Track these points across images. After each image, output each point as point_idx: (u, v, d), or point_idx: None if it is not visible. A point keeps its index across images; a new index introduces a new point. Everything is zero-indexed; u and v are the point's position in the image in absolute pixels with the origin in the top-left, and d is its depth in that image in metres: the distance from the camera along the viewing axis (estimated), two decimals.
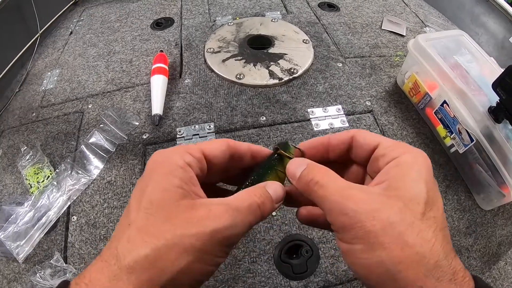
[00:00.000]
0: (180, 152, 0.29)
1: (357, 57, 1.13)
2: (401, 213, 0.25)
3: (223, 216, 0.26)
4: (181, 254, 0.24)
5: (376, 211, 0.25)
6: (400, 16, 1.35)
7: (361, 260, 0.25)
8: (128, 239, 0.25)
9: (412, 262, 0.24)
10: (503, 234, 0.78)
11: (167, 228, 0.25)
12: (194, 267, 0.25)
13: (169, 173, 0.27)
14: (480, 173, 0.79)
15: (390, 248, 0.24)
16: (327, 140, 0.34)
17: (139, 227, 0.25)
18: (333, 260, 0.69)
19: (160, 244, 0.24)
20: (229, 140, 0.34)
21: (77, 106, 1.00)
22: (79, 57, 1.17)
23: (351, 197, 0.26)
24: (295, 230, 0.73)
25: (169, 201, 0.26)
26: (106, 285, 0.23)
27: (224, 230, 0.26)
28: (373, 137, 0.31)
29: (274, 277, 0.67)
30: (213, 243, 0.25)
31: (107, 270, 0.24)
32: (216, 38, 1.17)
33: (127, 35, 1.24)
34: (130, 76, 1.07)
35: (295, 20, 1.26)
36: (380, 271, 0.24)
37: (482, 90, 0.81)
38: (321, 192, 0.28)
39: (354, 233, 0.25)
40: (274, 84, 1.01)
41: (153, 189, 0.27)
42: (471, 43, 0.93)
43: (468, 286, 0.24)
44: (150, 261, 0.23)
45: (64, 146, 0.90)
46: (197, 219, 0.25)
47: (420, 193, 0.26)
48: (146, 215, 0.26)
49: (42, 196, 0.79)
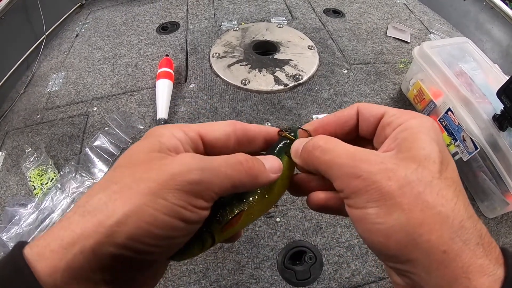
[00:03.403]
0: (172, 128, 0.27)
1: (362, 63, 1.13)
2: (417, 172, 0.23)
3: (188, 160, 0.24)
4: (133, 195, 0.22)
5: (391, 170, 0.23)
6: (405, 22, 1.35)
7: (377, 225, 0.23)
8: (92, 190, 0.24)
9: (434, 223, 0.21)
10: (506, 242, 0.78)
11: (128, 173, 0.24)
12: (143, 211, 0.22)
13: (152, 138, 0.26)
14: (484, 181, 0.79)
15: (409, 209, 0.22)
16: (335, 118, 0.31)
17: (106, 178, 0.24)
18: (336, 266, 0.69)
19: (116, 187, 0.23)
20: (236, 122, 0.30)
21: (82, 108, 1.00)
22: (85, 59, 1.18)
23: (363, 158, 0.24)
24: (298, 237, 0.73)
25: (140, 154, 0.25)
26: (58, 229, 0.22)
27: (186, 174, 0.23)
28: (378, 107, 0.29)
29: (277, 283, 0.67)
30: (171, 187, 0.23)
31: (69, 220, 0.22)
32: (222, 43, 1.18)
33: (132, 38, 1.25)
34: (136, 79, 1.07)
35: (301, 26, 1.27)
36: (399, 236, 0.22)
37: (486, 97, 0.81)
38: (327, 157, 0.26)
39: (368, 196, 0.23)
40: (279, 90, 1.01)
41: (129, 150, 0.26)
42: (475, 50, 0.93)
43: (496, 251, 0.22)
44: (102, 203, 0.22)
45: (69, 149, 0.90)
46: (160, 165, 0.24)
47: (433, 152, 0.24)
48: (115, 168, 0.25)
49: (46, 198, 0.79)
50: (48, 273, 0.21)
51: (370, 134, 0.30)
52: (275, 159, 0.30)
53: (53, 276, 0.21)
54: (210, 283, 0.67)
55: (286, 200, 0.79)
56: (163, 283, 0.67)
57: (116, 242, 0.21)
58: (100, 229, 0.21)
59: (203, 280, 0.67)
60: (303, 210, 0.77)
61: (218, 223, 0.28)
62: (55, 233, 0.22)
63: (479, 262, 0.21)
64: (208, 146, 0.29)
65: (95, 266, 0.21)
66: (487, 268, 0.21)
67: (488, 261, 0.21)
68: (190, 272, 0.68)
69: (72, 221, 0.22)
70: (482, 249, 0.21)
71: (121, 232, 0.21)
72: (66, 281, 0.21)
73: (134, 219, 0.22)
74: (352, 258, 0.70)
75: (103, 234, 0.21)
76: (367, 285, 0.67)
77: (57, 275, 0.21)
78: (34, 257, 0.21)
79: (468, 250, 0.21)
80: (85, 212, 0.22)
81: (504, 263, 0.22)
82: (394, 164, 0.23)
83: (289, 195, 0.78)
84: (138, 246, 0.22)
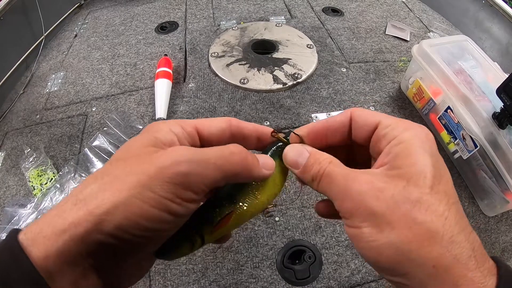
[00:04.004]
0: (170, 123, 0.28)
1: (361, 62, 1.13)
2: (405, 190, 0.23)
3: (179, 153, 0.24)
4: (122, 187, 0.23)
5: (379, 190, 0.24)
6: (404, 21, 1.35)
7: (370, 243, 0.24)
8: (86, 180, 0.24)
9: (423, 240, 0.22)
10: (506, 241, 0.78)
11: (120, 166, 0.24)
12: (132, 202, 0.22)
13: (148, 133, 0.27)
14: (484, 179, 0.79)
15: (398, 228, 0.23)
16: (327, 124, 0.31)
17: (100, 170, 0.25)
18: (336, 266, 0.69)
19: (107, 179, 0.23)
20: (232, 118, 0.31)
21: (81, 109, 1.00)
22: (84, 60, 1.18)
23: (355, 179, 0.25)
24: (298, 236, 0.73)
25: (135, 148, 0.25)
26: (52, 216, 0.23)
27: (175, 166, 0.23)
28: (372, 116, 0.29)
29: (276, 283, 0.67)
30: (160, 179, 0.23)
31: (62, 207, 0.23)
32: (221, 42, 1.18)
33: (131, 38, 1.25)
34: (134, 79, 1.07)
35: (299, 25, 1.27)
36: (391, 253, 0.23)
37: (486, 96, 0.81)
38: (327, 180, 0.27)
39: (360, 216, 0.24)
40: (278, 89, 1.01)
41: (126, 144, 0.26)
42: (475, 48, 0.93)
43: (489, 262, 0.23)
44: (93, 193, 0.23)
45: (68, 149, 0.90)
46: (151, 158, 0.24)
47: (425, 167, 0.24)
48: (111, 161, 0.25)
49: (45, 198, 0.79)
50: (41, 258, 0.22)
51: (364, 142, 0.30)
52: (268, 157, 0.31)
53: (46, 260, 0.22)
54: (209, 282, 0.67)
55: (285, 199, 0.79)
56: (163, 283, 0.67)
57: (104, 230, 0.22)
58: (89, 218, 0.22)
59: (202, 280, 0.67)
60: (302, 209, 0.77)
61: (208, 224, 0.28)
62: (48, 219, 0.23)
63: (470, 275, 0.22)
64: (205, 141, 0.30)
65: (84, 252, 0.22)
66: (478, 281, 0.22)
67: (479, 273, 0.22)
68: (189, 272, 0.68)
69: (65, 209, 0.23)
70: (475, 262, 0.22)
71: (109, 221, 0.22)
72: (57, 266, 0.22)
73: (122, 209, 0.22)
74: (352, 257, 0.70)
75: (92, 223, 0.22)
76: (367, 284, 0.67)
77: (49, 259, 0.22)
78: (28, 243, 0.22)
79: (459, 264, 0.22)
80: (77, 200, 0.23)
81: (497, 273, 0.23)
82: (384, 183, 0.24)
83: (288, 194, 0.78)
84: (125, 235, 0.23)
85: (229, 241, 0.72)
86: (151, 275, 0.68)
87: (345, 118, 0.30)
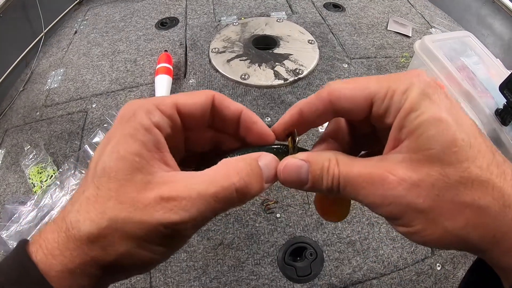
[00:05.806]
0: (149, 108, 0.25)
1: (363, 58, 1.12)
2: (442, 176, 0.21)
3: (175, 209, 0.23)
4: (122, 239, 0.22)
5: (416, 185, 0.22)
6: (406, 17, 1.34)
7: (425, 237, 0.23)
8: (78, 208, 0.23)
9: (476, 218, 0.21)
10: None
11: (112, 206, 0.23)
12: (136, 253, 0.23)
13: (130, 135, 0.24)
14: None
15: (450, 217, 0.22)
16: (297, 111, 0.29)
17: (88, 197, 0.23)
18: (337, 263, 0.69)
19: (104, 225, 0.22)
20: (215, 93, 0.28)
21: (81, 105, 1.00)
22: (84, 56, 1.17)
23: (384, 181, 0.23)
24: (299, 233, 0.72)
25: (122, 173, 0.23)
26: (58, 247, 0.23)
27: (172, 226, 0.23)
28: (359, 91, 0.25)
29: (278, 280, 0.66)
30: (158, 235, 0.23)
31: (57, 235, 0.23)
32: (221, 38, 1.17)
33: (131, 34, 1.24)
34: (135, 75, 1.07)
35: (301, 21, 1.26)
36: (450, 240, 0.22)
37: (488, 92, 0.80)
38: (350, 189, 0.24)
39: (407, 217, 0.23)
40: (279, 85, 1.00)
41: (110, 154, 0.24)
42: (477, 44, 0.92)
43: None
44: (93, 240, 0.22)
45: (68, 146, 0.89)
46: (145, 205, 0.22)
47: (450, 136, 0.21)
48: (97, 184, 0.23)
49: (45, 195, 0.78)
50: (53, 270, 0.22)
51: (360, 123, 0.28)
52: (274, 162, 0.27)
53: (59, 274, 0.22)
54: (210, 279, 0.67)
55: (287, 195, 0.78)
56: (163, 280, 0.67)
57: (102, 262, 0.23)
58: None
59: (203, 277, 0.67)
60: (304, 206, 0.76)
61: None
62: (51, 234, 0.23)
63: None
64: (186, 118, 0.27)
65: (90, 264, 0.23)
66: None
67: None
68: (190, 269, 0.68)
69: (67, 248, 0.23)
70: None
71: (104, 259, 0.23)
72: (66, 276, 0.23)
73: (127, 260, 0.23)
74: (353, 254, 0.70)
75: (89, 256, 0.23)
76: (369, 281, 0.67)
77: (62, 273, 0.22)
78: (37, 256, 0.23)
79: None
80: (76, 241, 0.23)
81: None
82: (416, 173, 0.22)
83: (289, 190, 0.78)
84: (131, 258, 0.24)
85: (230, 238, 0.71)
86: (151, 272, 0.68)
87: (319, 101, 0.28)
